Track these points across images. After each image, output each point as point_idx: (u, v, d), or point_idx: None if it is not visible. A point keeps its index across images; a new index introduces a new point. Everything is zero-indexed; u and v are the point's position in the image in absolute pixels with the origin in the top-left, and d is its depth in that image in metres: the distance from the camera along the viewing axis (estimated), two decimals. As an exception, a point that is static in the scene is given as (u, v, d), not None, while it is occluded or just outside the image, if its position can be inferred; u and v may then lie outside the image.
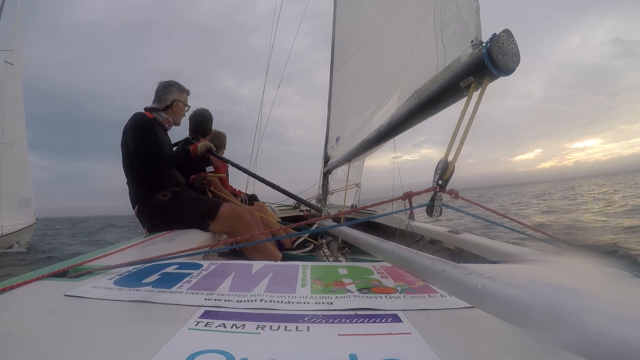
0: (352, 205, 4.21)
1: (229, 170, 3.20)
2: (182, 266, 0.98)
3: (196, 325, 0.56)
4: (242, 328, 0.56)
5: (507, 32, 1.04)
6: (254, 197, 3.50)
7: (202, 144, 2.22)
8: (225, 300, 0.68)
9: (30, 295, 0.73)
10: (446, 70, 1.33)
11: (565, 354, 0.31)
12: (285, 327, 0.56)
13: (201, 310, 0.63)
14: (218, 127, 3.08)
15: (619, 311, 0.29)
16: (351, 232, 1.25)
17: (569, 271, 0.46)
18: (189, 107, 2.38)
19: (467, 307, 0.66)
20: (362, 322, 0.59)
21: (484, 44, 1.06)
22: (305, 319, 0.60)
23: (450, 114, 1.45)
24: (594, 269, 0.50)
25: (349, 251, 2.55)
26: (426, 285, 0.80)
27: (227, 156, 2.72)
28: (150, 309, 0.66)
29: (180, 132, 2.35)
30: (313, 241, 2.78)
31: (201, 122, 2.83)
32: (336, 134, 4.16)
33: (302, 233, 2.72)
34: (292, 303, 0.68)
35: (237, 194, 3.17)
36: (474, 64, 1.10)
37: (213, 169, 2.58)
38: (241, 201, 2.86)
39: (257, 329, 0.56)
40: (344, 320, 0.60)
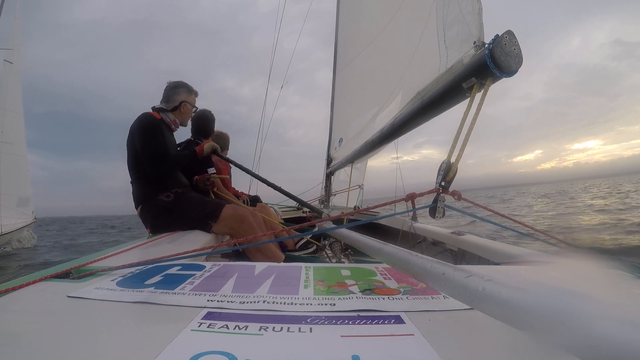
0: (354, 207, 4.21)
1: (231, 171, 3.21)
2: (185, 267, 0.99)
3: (199, 326, 0.57)
4: (245, 329, 0.56)
5: (509, 34, 1.03)
6: (256, 199, 3.50)
7: (207, 145, 2.22)
8: (228, 302, 0.69)
9: (33, 296, 0.74)
10: (449, 72, 1.33)
11: (567, 356, 0.31)
12: (288, 328, 0.56)
13: (204, 312, 0.63)
14: (218, 127, 3.09)
15: (621, 314, 0.29)
16: (351, 235, 1.25)
17: (571, 272, 0.46)
18: (197, 108, 2.37)
19: (470, 309, 0.66)
20: (365, 323, 0.59)
21: (486, 45, 1.06)
22: (308, 320, 0.60)
23: (452, 115, 1.45)
24: (596, 270, 0.50)
25: (351, 252, 2.54)
26: (429, 286, 0.80)
27: (229, 157, 2.73)
28: (153, 310, 0.66)
29: (180, 132, 2.35)
30: (316, 242, 2.78)
31: (203, 123, 2.84)
32: (339, 135, 4.17)
33: (304, 234, 2.72)
34: (295, 304, 0.68)
35: (239, 195, 3.17)
36: (477, 65, 1.10)
37: (215, 170, 2.59)
38: (243, 202, 2.86)
39: (259, 330, 0.56)
40: (346, 321, 0.60)
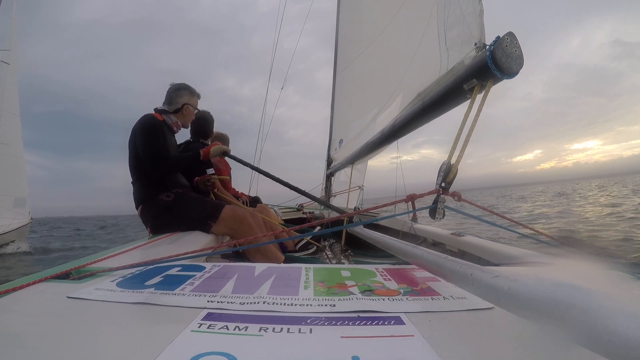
0: (355, 208, 4.21)
1: (231, 172, 3.21)
2: (184, 268, 0.98)
3: (199, 327, 0.56)
4: (245, 330, 0.56)
5: (510, 35, 1.03)
6: (256, 199, 3.50)
7: (215, 148, 2.20)
8: (228, 302, 0.68)
9: (33, 297, 0.73)
10: (449, 73, 1.33)
11: (571, 354, 0.32)
12: (288, 329, 0.56)
13: (204, 312, 0.63)
14: (218, 127, 3.09)
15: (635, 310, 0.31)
16: (385, 239, 1.34)
17: (571, 273, 0.46)
18: (198, 110, 2.37)
19: (470, 310, 0.66)
20: (365, 324, 0.59)
21: (487, 46, 1.06)
22: (308, 321, 0.60)
23: (452, 116, 1.45)
24: (596, 271, 0.51)
25: (351, 253, 2.54)
26: (429, 287, 0.80)
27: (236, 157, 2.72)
28: (153, 311, 0.66)
29: (180, 132, 2.35)
30: (316, 243, 2.78)
31: (203, 125, 2.83)
32: (339, 136, 4.17)
33: (305, 235, 2.72)
34: (295, 305, 0.68)
35: (239, 196, 3.18)
36: (478, 66, 1.10)
37: (214, 171, 2.58)
38: (243, 203, 2.86)
39: (259, 331, 0.55)
40: (346, 322, 0.59)
